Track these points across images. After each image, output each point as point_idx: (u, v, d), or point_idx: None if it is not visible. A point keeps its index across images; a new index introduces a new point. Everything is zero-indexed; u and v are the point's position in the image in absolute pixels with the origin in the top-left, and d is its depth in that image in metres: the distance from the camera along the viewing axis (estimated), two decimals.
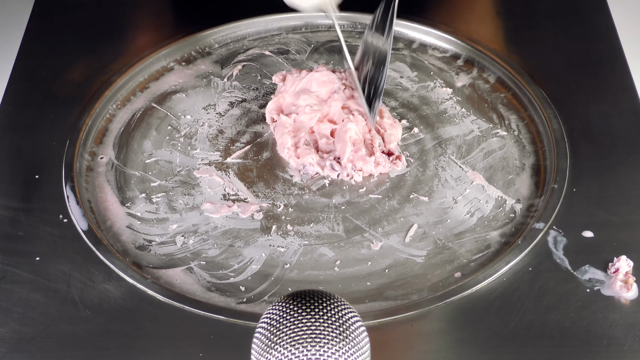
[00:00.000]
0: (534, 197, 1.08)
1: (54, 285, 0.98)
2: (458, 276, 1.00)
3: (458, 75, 1.25)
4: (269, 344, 0.72)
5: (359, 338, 0.73)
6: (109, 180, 1.11)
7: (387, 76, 1.25)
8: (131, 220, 1.07)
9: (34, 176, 1.10)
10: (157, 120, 1.20)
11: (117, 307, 0.97)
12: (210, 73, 1.26)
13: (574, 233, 1.03)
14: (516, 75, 1.22)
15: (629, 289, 0.96)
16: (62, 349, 0.93)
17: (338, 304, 0.74)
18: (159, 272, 1.01)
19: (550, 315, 0.95)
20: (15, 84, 1.23)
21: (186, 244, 1.04)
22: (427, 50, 1.29)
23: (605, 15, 1.31)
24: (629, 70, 1.22)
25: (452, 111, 1.20)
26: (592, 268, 0.99)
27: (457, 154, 1.14)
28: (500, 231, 1.05)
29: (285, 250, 1.03)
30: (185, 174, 1.13)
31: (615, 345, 0.92)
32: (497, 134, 1.17)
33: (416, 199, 1.09)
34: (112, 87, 1.21)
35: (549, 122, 1.15)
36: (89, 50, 1.29)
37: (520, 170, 1.12)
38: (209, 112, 1.21)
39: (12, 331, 0.94)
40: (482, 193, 1.09)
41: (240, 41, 1.30)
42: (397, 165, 1.12)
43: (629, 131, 1.14)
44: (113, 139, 1.17)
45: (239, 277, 1.01)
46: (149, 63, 1.25)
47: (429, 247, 1.04)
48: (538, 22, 1.32)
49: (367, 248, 1.04)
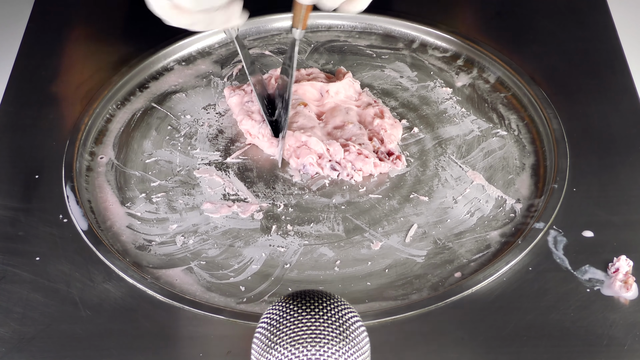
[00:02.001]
0: (534, 197, 1.08)
1: (54, 285, 0.98)
2: (458, 276, 1.00)
3: (458, 75, 1.25)
4: (269, 344, 0.72)
5: (359, 338, 0.73)
6: (109, 180, 1.11)
7: (387, 76, 1.25)
8: (131, 220, 1.07)
9: (34, 176, 1.10)
10: (157, 120, 1.20)
11: (117, 307, 0.97)
12: (210, 73, 1.26)
13: (574, 233, 1.03)
14: (516, 75, 1.21)
15: (628, 289, 0.96)
16: (62, 349, 0.93)
17: (338, 304, 0.74)
18: (159, 272, 1.01)
19: (550, 315, 0.95)
20: (15, 84, 1.23)
21: (186, 244, 1.04)
22: (427, 50, 1.29)
23: (605, 15, 1.31)
24: (629, 70, 1.22)
25: (452, 111, 1.20)
26: (592, 268, 0.99)
27: (457, 154, 1.14)
28: (500, 231, 1.05)
29: (285, 250, 1.03)
30: (185, 174, 1.13)
31: (615, 345, 0.92)
32: (497, 133, 1.17)
33: (416, 199, 1.09)
34: (112, 87, 1.21)
35: (549, 122, 1.15)
36: (89, 50, 1.29)
37: (520, 170, 1.12)
38: (209, 112, 1.21)
39: (12, 331, 0.94)
40: (482, 193, 1.09)
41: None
42: (398, 165, 1.12)
43: (629, 131, 1.14)
44: (113, 139, 1.17)
45: (239, 277, 1.01)
46: (149, 63, 1.25)
47: (429, 247, 1.04)
48: (538, 22, 1.31)
49: (367, 248, 1.04)
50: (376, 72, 1.26)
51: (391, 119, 1.16)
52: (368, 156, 1.10)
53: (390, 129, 1.14)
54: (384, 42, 1.30)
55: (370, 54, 1.28)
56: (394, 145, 1.13)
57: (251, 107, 1.16)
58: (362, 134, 1.13)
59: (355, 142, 1.12)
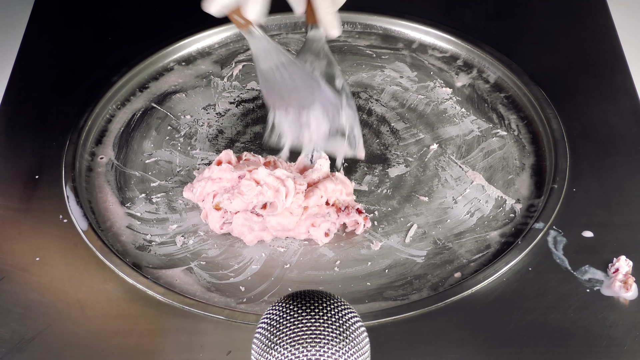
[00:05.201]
0: (533, 197, 1.08)
1: (54, 285, 0.98)
2: (458, 276, 1.00)
3: (458, 75, 1.25)
4: (269, 344, 0.73)
5: (359, 338, 0.73)
6: (109, 181, 1.11)
7: (387, 76, 1.25)
8: (131, 221, 1.07)
9: (34, 176, 1.10)
10: (157, 120, 1.20)
11: (117, 307, 0.97)
12: (210, 73, 1.26)
13: (574, 233, 1.03)
14: (516, 75, 1.22)
15: (628, 290, 0.96)
16: (62, 349, 0.93)
17: (338, 304, 0.74)
18: (159, 272, 1.01)
19: (550, 315, 0.95)
20: (15, 84, 1.23)
21: (186, 244, 1.04)
22: (427, 50, 1.29)
23: (605, 16, 1.32)
24: (629, 70, 1.22)
25: (452, 111, 1.20)
26: (592, 268, 0.99)
27: (457, 154, 1.14)
28: (500, 231, 1.05)
29: (285, 250, 1.03)
30: (185, 174, 1.13)
31: (615, 346, 0.92)
32: (497, 134, 1.17)
33: (416, 199, 1.09)
34: (112, 87, 1.21)
35: (548, 122, 1.15)
36: (89, 50, 1.29)
37: (520, 170, 1.12)
38: (209, 112, 1.21)
39: (12, 331, 0.94)
40: (482, 193, 1.09)
41: (240, 41, 1.30)
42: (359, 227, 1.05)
43: (629, 131, 1.14)
44: (113, 139, 1.17)
45: (239, 277, 1.01)
46: (149, 63, 1.25)
47: (429, 247, 1.04)
48: (538, 22, 1.32)
49: (367, 248, 1.04)
50: (376, 72, 1.26)
51: (330, 178, 1.07)
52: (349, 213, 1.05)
53: (332, 192, 1.06)
54: (384, 42, 1.30)
55: (370, 54, 1.28)
56: (348, 198, 1.06)
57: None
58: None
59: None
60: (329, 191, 1.04)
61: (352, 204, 1.05)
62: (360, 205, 1.06)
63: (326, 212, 1.04)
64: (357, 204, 1.06)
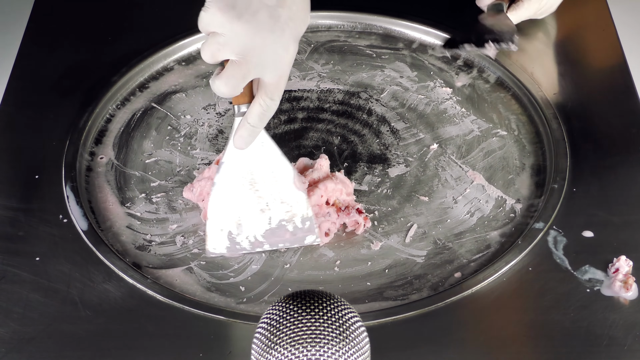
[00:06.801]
0: (534, 197, 1.08)
1: (54, 285, 0.98)
2: (458, 276, 1.00)
3: (458, 75, 1.25)
4: (269, 344, 0.72)
5: (359, 338, 0.73)
6: (109, 181, 1.11)
7: (387, 76, 1.25)
8: (131, 221, 1.07)
9: (34, 176, 1.10)
10: (157, 120, 1.20)
11: (117, 307, 0.97)
12: (210, 73, 1.26)
13: (574, 233, 1.03)
14: (516, 75, 1.22)
15: (628, 289, 0.96)
16: (62, 349, 0.93)
17: (338, 304, 0.74)
18: (159, 272, 1.01)
19: (550, 315, 0.95)
20: (15, 84, 1.23)
21: (186, 244, 1.04)
22: (427, 50, 1.29)
23: (606, 15, 1.31)
24: (629, 70, 1.22)
25: (452, 111, 1.20)
26: (592, 268, 0.99)
27: (457, 154, 1.14)
28: (500, 231, 1.05)
29: (285, 250, 1.03)
30: (185, 174, 1.13)
31: (615, 345, 0.92)
32: (497, 133, 1.17)
33: (416, 199, 1.09)
34: (112, 87, 1.21)
35: (548, 122, 1.15)
36: (89, 50, 1.29)
37: (520, 170, 1.12)
38: (209, 112, 1.21)
39: (12, 331, 0.94)
40: (482, 193, 1.09)
41: None
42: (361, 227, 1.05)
43: (629, 131, 1.14)
44: (113, 139, 1.17)
45: (239, 277, 1.01)
46: (149, 63, 1.25)
47: (429, 247, 1.04)
48: (538, 22, 1.31)
49: (367, 248, 1.04)
50: (376, 72, 1.26)
51: (331, 177, 1.07)
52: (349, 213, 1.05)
53: (333, 191, 1.05)
54: (384, 42, 1.30)
55: (370, 54, 1.28)
56: (349, 198, 1.06)
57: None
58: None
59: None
60: (329, 191, 1.04)
61: (352, 203, 1.05)
62: (361, 205, 1.06)
63: (326, 212, 1.04)
64: (357, 203, 1.06)
